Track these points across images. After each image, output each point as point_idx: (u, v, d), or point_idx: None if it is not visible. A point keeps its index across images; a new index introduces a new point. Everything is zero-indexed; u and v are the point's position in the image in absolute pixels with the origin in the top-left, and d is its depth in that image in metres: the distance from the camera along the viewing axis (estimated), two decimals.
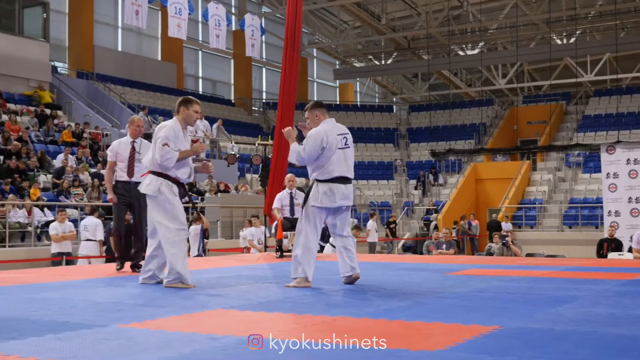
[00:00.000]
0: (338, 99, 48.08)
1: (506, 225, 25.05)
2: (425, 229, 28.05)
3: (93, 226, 15.02)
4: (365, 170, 35.12)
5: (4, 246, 15.51)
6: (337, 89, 49.57)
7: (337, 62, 45.81)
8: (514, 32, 35.70)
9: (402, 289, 6.73)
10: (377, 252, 22.50)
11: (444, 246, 17.25)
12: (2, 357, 3.53)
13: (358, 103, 47.39)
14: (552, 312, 5.07)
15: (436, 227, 24.59)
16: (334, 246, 8.54)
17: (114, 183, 8.56)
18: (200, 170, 7.47)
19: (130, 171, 8.49)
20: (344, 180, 6.79)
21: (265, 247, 14.87)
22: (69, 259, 14.80)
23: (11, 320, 4.80)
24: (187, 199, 7.30)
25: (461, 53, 40.52)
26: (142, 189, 6.91)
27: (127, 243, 8.84)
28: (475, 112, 39.28)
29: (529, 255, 17.57)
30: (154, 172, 6.82)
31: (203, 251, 15.63)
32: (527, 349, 3.77)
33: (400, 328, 4.46)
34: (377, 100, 51.52)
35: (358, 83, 51.09)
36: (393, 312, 5.15)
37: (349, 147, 6.85)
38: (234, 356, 3.62)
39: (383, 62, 43.45)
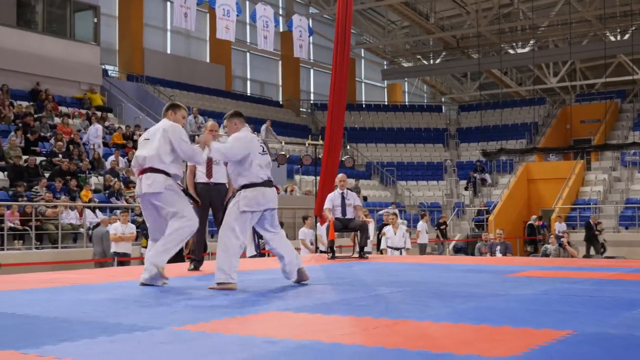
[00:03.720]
0: (386, 100, 47.78)
1: (560, 226, 24.52)
2: (477, 230, 27.64)
3: None
4: (414, 171, 34.79)
5: (57, 247, 15.62)
6: (385, 90, 49.26)
7: (385, 62, 45.55)
8: (565, 30, 35.04)
9: (462, 291, 6.48)
10: (428, 254, 22.17)
11: (498, 248, 16.77)
12: None
13: (406, 103, 47.01)
14: (627, 317, 4.79)
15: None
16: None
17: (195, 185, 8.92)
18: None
19: (209, 173, 8.82)
20: (269, 183, 6.93)
21: (316, 248, 14.72)
22: (124, 259, 14.82)
23: (64, 322, 4.69)
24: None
25: (511, 51, 39.94)
26: (144, 189, 6.83)
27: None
28: (527, 111, 38.64)
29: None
30: (163, 172, 6.82)
31: (258, 252, 15.50)
32: (609, 356, 3.50)
33: (467, 332, 4.22)
34: (425, 101, 51.09)
35: (406, 83, 50.71)
36: (457, 315, 4.92)
37: (266, 153, 7.06)
38: None
39: (432, 61, 43.07)
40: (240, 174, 6.79)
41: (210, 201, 8.87)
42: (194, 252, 9.09)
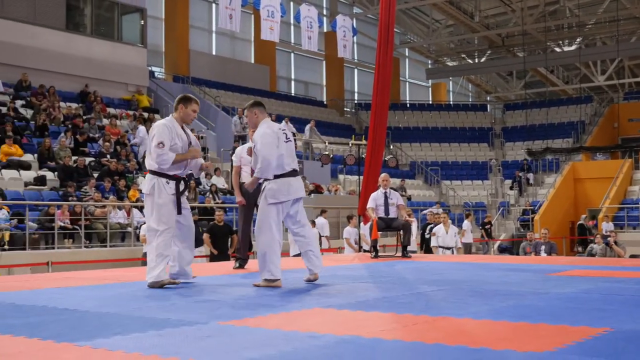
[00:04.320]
0: (431, 99, 47.64)
1: (607, 226, 24.23)
2: (522, 230, 27.43)
3: (321, 225, 16.60)
4: (459, 171, 34.65)
5: (105, 246, 15.95)
6: (430, 89, 49.13)
7: (430, 62, 45.42)
8: (613, 27, 34.58)
9: (503, 289, 6.53)
10: (472, 254, 22.08)
11: (543, 247, 16.68)
12: (108, 352, 3.57)
13: (451, 102, 46.82)
14: None
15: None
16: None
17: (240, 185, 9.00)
18: (204, 170, 7.57)
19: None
20: (294, 173, 6.89)
21: (360, 247, 14.81)
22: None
23: (114, 316, 4.87)
24: (187, 193, 7.22)
25: (558, 49, 39.53)
26: (142, 188, 7.02)
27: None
28: (573, 109, 38.17)
29: (633, 256, 16.93)
30: (151, 172, 6.80)
31: None
32: None
33: (505, 329, 4.30)
34: (470, 100, 50.80)
35: (451, 82, 50.50)
36: (496, 312, 4.99)
37: (290, 140, 6.99)
38: (335, 355, 3.55)
39: (476, 60, 42.84)
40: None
41: (255, 201, 8.97)
42: (239, 251, 9.25)
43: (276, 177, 6.76)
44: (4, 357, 3.49)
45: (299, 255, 14.95)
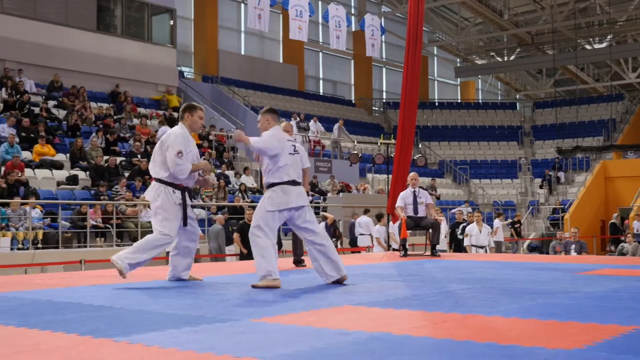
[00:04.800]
0: (459, 97, 47.46)
1: (639, 225, 24.00)
2: (552, 229, 27.26)
3: (365, 224, 17.39)
4: (488, 169, 34.50)
5: None
6: (458, 87, 48.95)
7: (458, 60, 45.27)
8: None
9: (532, 288, 6.55)
10: (502, 252, 22.00)
11: (573, 247, 16.59)
12: (144, 347, 3.67)
13: (480, 101, 46.62)
14: None
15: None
16: None
17: None
18: (200, 184, 7.51)
19: None
20: (295, 183, 6.91)
21: (389, 245, 14.84)
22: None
23: (149, 313, 4.98)
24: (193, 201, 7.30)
25: (588, 47, 39.19)
26: (146, 195, 7.03)
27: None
28: (604, 107, 37.79)
29: None
30: (158, 180, 6.82)
31: None
32: None
33: (534, 327, 4.33)
34: (499, 98, 50.53)
35: (480, 80, 50.28)
36: (525, 310, 5.02)
37: (298, 153, 7.09)
38: (366, 351, 3.61)
39: (506, 58, 42.63)
40: (270, 171, 6.86)
41: None
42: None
43: (277, 184, 6.82)
44: (45, 352, 3.60)
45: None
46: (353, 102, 39.55)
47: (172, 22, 27.36)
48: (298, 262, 9.25)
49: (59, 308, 5.21)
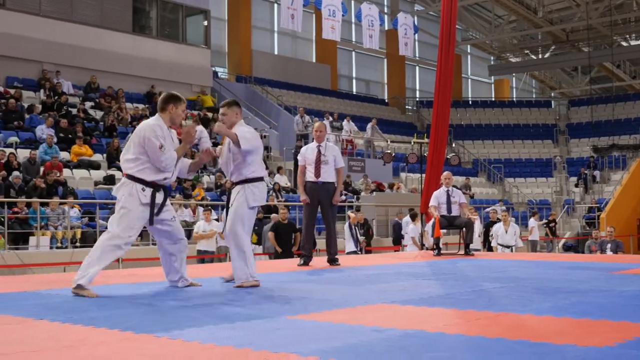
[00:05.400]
0: (493, 96, 47.19)
1: None
2: (588, 228, 27.03)
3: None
4: (522, 168, 34.28)
5: None
6: (492, 85, 48.67)
7: (492, 58, 45.02)
8: None
9: (565, 286, 6.57)
10: (537, 252, 21.89)
11: (609, 246, 16.45)
12: (185, 343, 3.78)
13: (514, 99, 46.30)
14: None
15: None
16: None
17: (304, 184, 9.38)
18: (204, 159, 6.87)
19: (317, 172, 9.23)
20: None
21: (422, 244, 14.86)
22: (204, 257, 15.39)
23: (187, 310, 5.10)
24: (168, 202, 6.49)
25: (624, 44, 38.76)
26: (114, 191, 6.39)
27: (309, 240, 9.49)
28: None
29: None
30: (129, 176, 6.11)
31: (359, 248, 15.78)
32: None
33: (566, 325, 4.38)
34: (534, 96, 50.16)
35: (514, 78, 49.95)
36: (558, 309, 5.05)
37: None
38: (399, 348, 3.69)
39: (540, 56, 42.29)
40: (251, 165, 6.61)
41: (319, 199, 9.26)
42: (304, 248, 9.45)
43: (258, 180, 6.70)
44: (89, 347, 3.74)
45: (354, 252, 15.13)
46: (386, 101, 39.54)
47: (206, 23, 27.62)
48: (332, 260, 9.31)
49: (101, 305, 5.35)
